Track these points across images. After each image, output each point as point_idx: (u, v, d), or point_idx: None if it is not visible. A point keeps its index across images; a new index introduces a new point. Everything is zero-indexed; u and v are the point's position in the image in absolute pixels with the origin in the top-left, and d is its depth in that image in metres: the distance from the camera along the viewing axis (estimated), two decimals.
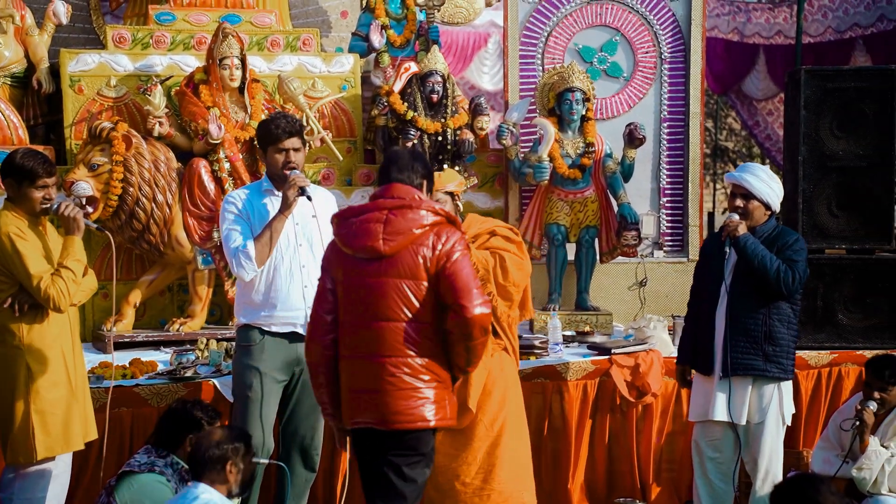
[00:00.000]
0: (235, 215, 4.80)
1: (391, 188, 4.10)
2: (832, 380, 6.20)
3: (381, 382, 3.98)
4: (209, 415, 4.57)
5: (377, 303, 3.97)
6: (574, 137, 6.84)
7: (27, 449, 4.41)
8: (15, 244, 4.38)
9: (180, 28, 6.96)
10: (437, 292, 3.97)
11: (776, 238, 5.06)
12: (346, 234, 4.04)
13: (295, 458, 4.93)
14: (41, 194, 4.47)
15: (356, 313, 4.02)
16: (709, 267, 5.21)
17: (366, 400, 4.01)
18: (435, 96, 6.89)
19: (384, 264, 3.98)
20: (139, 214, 6.25)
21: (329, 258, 4.13)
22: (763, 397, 5.06)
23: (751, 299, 5.02)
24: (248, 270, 4.73)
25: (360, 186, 7.15)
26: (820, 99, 6.28)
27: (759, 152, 13.93)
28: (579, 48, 7.33)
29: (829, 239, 6.34)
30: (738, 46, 11.44)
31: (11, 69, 6.86)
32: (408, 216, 4.00)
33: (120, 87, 6.69)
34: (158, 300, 6.65)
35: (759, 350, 5.01)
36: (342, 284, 4.05)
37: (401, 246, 3.97)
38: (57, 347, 4.52)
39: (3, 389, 4.44)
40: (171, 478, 4.40)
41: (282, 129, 4.80)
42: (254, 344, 4.79)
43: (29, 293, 4.40)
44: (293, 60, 7.09)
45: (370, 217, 4.02)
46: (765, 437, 5.08)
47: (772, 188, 5.08)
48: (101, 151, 6.17)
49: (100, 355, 5.94)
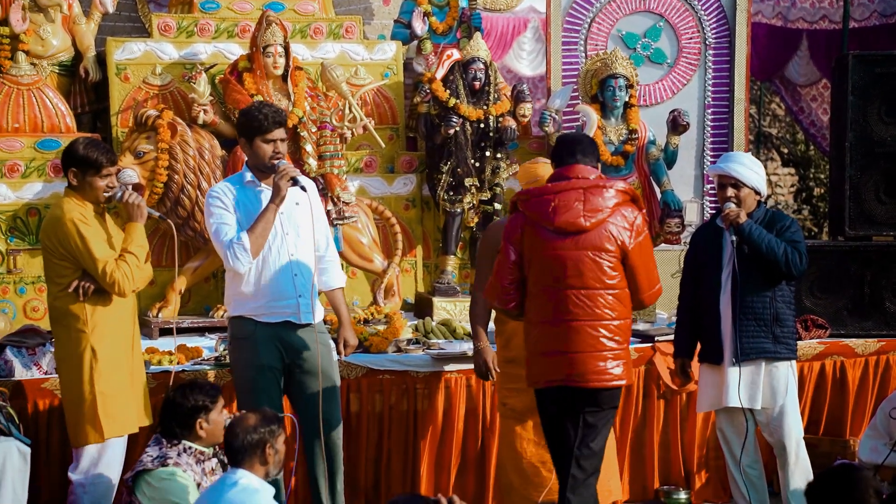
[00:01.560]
0: (221, 208, 4.75)
1: (576, 168, 4.51)
2: (880, 368, 6.16)
3: (579, 344, 4.42)
4: (210, 395, 4.50)
5: (575, 272, 4.40)
6: (617, 124, 6.81)
7: (96, 430, 4.53)
8: (80, 230, 4.50)
9: (224, 16, 7.00)
10: (624, 265, 4.46)
11: (771, 222, 5.09)
12: (546, 210, 4.45)
13: (319, 448, 4.86)
14: (105, 182, 4.59)
15: (550, 282, 4.44)
16: (705, 257, 5.17)
17: (561, 360, 4.43)
18: (477, 83, 6.88)
19: (580, 238, 4.43)
20: (184, 202, 6.30)
21: (515, 232, 4.53)
22: (778, 379, 5.06)
23: (757, 284, 5.03)
24: (244, 262, 4.69)
25: (402, 174, 7.17)
26: (868, 84, 6.22)
27: (804, 138, 13.76)
28: (622, 34, 7.28)
29: (876, 226, 6.28)
30: (782, 31, 11.29)
31: (59, 58, 6.95)
32: (603, 195, 4.45)
33: (165, 75, 6.75)
34: (203, 287, 6.71)
35: (768, 333, 5.03)
36: (534, 256, 4.47)
37: (599, 222, 4.42)
38: (119, 331, 4.63)
39: (69, 372, 4.58)
40: (186, 465, 4.37)
41: (270, 120, 4.74)
42: (247, 336, 4.79)
43: (92, 278, 4.52)
44: (336, 48, 7.11)
45: (570, 196, 4.44)
46: (787, 420, 5.10)
47: (758, 174, 5.11)
48: (146, 139, 6.23)
49: (146, 341, 6.00)
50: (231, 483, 3.99)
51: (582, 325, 4.42)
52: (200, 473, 4.40)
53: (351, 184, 6.82)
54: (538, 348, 4.49)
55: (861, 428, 5.90)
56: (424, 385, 5.57)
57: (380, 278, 6.76)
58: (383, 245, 6.90)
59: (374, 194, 7.06)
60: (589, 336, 4.42)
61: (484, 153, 6.87)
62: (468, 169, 6.84)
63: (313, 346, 4.82)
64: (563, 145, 4.62)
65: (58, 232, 4.52)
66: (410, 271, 7.16)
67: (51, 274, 4.61)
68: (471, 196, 6.88)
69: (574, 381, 4.42)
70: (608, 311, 4.43)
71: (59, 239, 4.52)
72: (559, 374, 4.44)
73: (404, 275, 7.08)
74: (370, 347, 5.67)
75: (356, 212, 6.65)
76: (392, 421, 5.55)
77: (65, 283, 4.54)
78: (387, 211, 6.96)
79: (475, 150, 6.87)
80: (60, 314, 4.59)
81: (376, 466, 5.55)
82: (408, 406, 5.56)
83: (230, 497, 3.91)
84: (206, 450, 4.47)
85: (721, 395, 5.08)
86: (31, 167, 6.34)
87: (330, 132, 6.56)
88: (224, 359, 5.42)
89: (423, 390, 5.57)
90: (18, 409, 4.85)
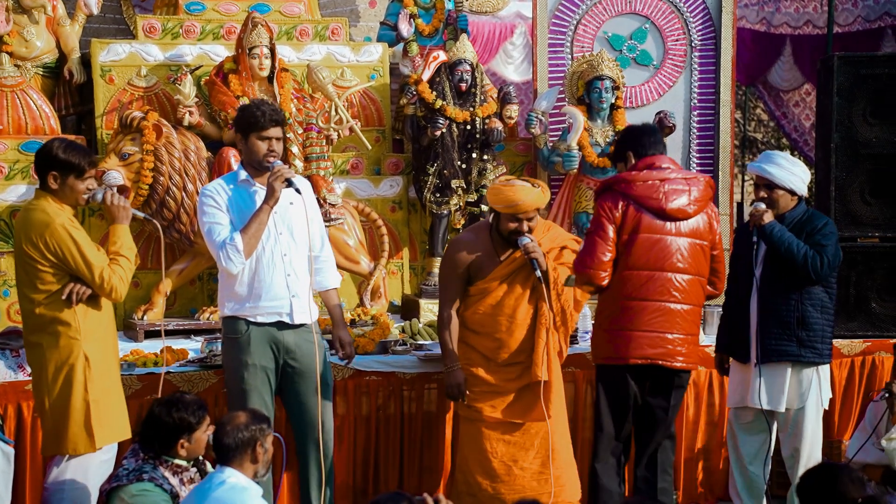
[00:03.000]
0: (215, 208, 4.71)
1: (663, 158, 4.91)
2: (866, 368, 6.15)
3: (672, 326, 4.80)
4: (195, 414, 4.28)
5: (680, 257, 4.77)
6: (603, 126, 6.82)
7: (87, 439, 4.42)
8: (72, 235, 4.37)
9: (210, 18, 6.99)
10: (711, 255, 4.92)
11: (806, 223, 5.06)
12: (656, 195, 4.78)
13: (311, 448, 4.86)
14: (85, 185, 4.47)
15: (651, 264, 4.78)
16: (741, 255, 5.21)
17: (654, 339, 4.79)
18: (464, 85, 6.87)
19: (683, 224, 4.82)
20: (169, 203, 6.27)
21: (615, 210, 4.81)
22: (802, 383, 5.06)
23: (781, 286, 5.03)
24: (237, 263, 4.66)
25: (388, 175, 7.16)
26: (853, 85, 6.21)
27: (788, 143, 13.82)
28: (609, 36, 7.29)
29: (862, 227, 6.27)
30: (766, 37, 11.34)
31: (43, 59, 6.92)
32: (700, 186, 4.88)
33: (150, 76, 6.72)
34: (188, 289, 6.68)
35: (792, 336, 5.01)
36: (635, 237, 4.78)
37: (699, 210, 4.87)
38: (107, 337, 4.56)
39: (59, 381, 4.42)
40: (161, 479, 4.22)
41: (267, 118, 4.71)
42: (240, 336, 4.76)
43: (84, 283, 4.41)
44: (322, 50, 7.11)
45: (676, 183, 4.84)
46: (805, 424, 5.09)
47: (794, 174, 5.08)
48: (131, 141, 6.20)
49: (131, 343, 5.98)
50: (219, 482, 3.96)
51: (680, 309, 4.82)
52: (178, 484, 4.28)
53: (337, 186, 6.80)
54: (631, 324, 4.80)
55: (848, 428, 5.91)
56: (411, 386, 5.55)
57: (366, 280, 6.74)
58: (370, 247, 6.89)
59: (361, 196, 7.04)
60: (685, 320, 4.83)
61: (470, 155, 6.86)
62: (455, 171, 6.83)
63: (306, 347, 4.80)
64: (643, 135, 4.96)
65: (48, 238, 4.34)
66: (397, 273, 7.14)
67: (33, 280, 4.39)
68: (457, 198, 6.87)
69: (667, 360, 4.82)
70: (699, 297, 4.90)
71: (49, 245, 4.34)
72: (653, 353, 4.80)
73: (391, 277, 7.06)
74: (357, 349, 5.64)
75: (342, 214, 6.63)
76: (379, 423, 5.53)
77: (50, 290, 4.38)
78: (373, 213, 6.95)
79: (462, 151, 6.86)
80: (46, 321, 4.40)
81: (364, 468, 5.52)
82: (395, 408, 5.54)
83: (218, 495, 3.88)
84: (184, 463, 4.33)
85: (746, 393, 5.14)
86: (14, 169, 6.30)
87: (316, 134, 6.54)
88: (210, 361, 5.39)
89: (409, 392, 5.55)
90: (1, 411, 4.81)
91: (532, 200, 4.93)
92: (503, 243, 5.04)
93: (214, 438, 4.08)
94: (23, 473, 4.90)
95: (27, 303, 4.45)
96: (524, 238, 4.94)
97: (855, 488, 3.67)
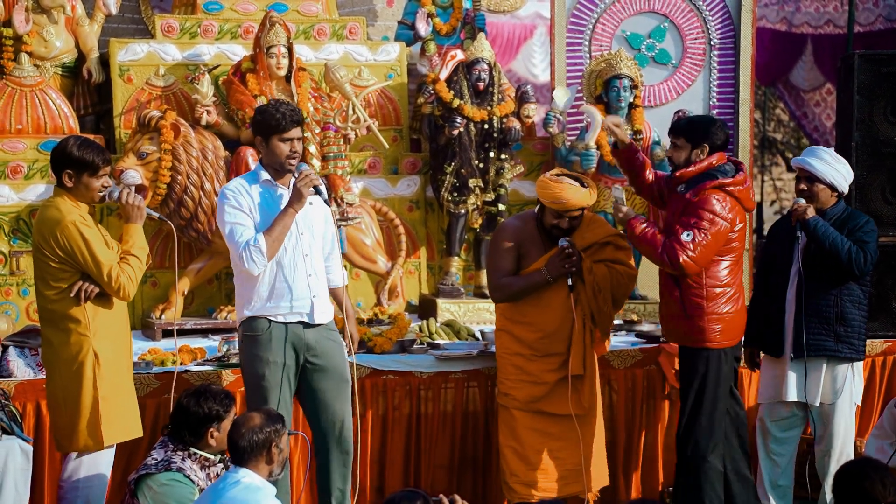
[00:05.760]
0: (236, 208, 4.68)
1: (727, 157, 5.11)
2: (886, 368, 6.13)
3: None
4: (223, 404, 4.43)
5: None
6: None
7: (96, 436, 4.44)
8: (83, 233, 4.40)
9: (227, 17, 6.99)
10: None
11: (846, 220, 5.10)
12: (749, 195, 5.06)
13: (332, 446, 4.86)
14: (100, 183, 4.49)
15: (741, 256, 5.07)
16: (778, 250, 5.22)
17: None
18: (481, 84, 6.85)
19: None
20: (187, 202, 6.28)
21: (732, 211, 4.97)
22: (837, 378, 5.10)
23: (822, 281, 5.07)
24: (259, 265, 4.63)
25: (405, 175, 7.15)
26: (874, 84, 6.20)
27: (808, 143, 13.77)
28: (627, 35, 7.27)
29: (882, 226, 6.22)
30: (786, 36, 11.29)
31: (62, 59, 6.94)
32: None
33: (168, 76, 6.74)
34: (206, 288, 6.68)
35: (830, 331, 5.06)
36: (740, 232, 5.01)
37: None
38: (119, 334, 4.57)
39: (69, 377, 4.46)
40: (189, 470, 4.32)
41: (288, 119, 4.69)
42: (261, 333, 4.74)
43: (92, 280, 4.43)
44: (339, 49, 7.10)
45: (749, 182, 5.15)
46: (838, 419, 5.13)
47: (837, 170, 5.10)
48: (149, 140, 6.21)
49: (149, 342, 5.99)
50: (233, 482, 3.96)
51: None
52: (205, 479, 4.36)
53: (354, 185, 6.80)
54: (742, 309, 5.06)
55: (868, 428, 5.87)
56: (428, 386, 5.54)
57: (383, 280, 6.74)
58: (387, 246, 6.88)
59: (378, 195, 7.04)
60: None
61: (488, 154, 6.85)
62: (472, 170, 6.81)
63: (326, 344, 4.81)
64: (721, 129, 5.07)
65: (58, 235, 4.39)
66: (414, 273, 7.13)
67: (45, 276, 4.45)
68: (475, 197, 6.86)
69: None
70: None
71: (60, 242, 4.39)
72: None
73: (408, 276, 7.05)
74: (374, 348, 5.64)
75: (360, 213, 6.63)
76: (395, 421, 5.52)
77: (62, 287, 4.42)
78: (390, 212, 6.94)
79: (479, 151, 6.84)
80: (57, 317, 4.46)
81: (380, 467, 5.52)
82: (411, 407, 5.53)
83: (232, 495, 3.88)
84: (212, 456, 4.43)
85: (780, 387, 5.15)
86: (33, 168, 6.33)
87: (333, 133, 6.55)
88: (227, 359, 5.40)
89: (426, 391, 5.54)
90: (21, 409, 4.83)
91: (578, 200, 4.96)
92: (547, 234, 5.12)
93: (229, 439, 4.10)
94: (41, 471, 4.94)
95: (41, 299, 4.54)
96: (563, 240, 4.99)
97: (885, 490, 3.65)
